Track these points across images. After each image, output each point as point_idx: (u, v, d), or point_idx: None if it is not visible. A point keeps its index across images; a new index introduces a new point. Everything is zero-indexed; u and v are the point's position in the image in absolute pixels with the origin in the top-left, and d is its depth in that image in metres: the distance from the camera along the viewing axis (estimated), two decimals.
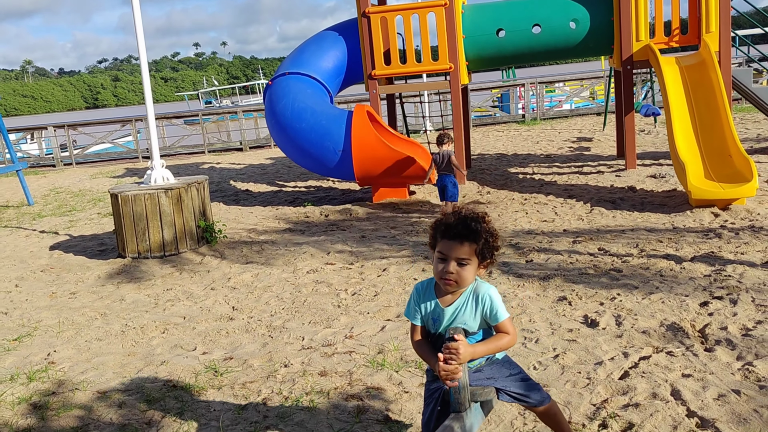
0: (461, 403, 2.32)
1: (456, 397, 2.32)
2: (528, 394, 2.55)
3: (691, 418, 3.10)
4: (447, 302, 2.44)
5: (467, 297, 2.43)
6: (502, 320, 2.41)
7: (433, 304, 2.46)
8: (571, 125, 17.09)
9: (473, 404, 2.41)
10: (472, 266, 2.35)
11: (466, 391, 2.31)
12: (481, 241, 2.33)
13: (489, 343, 2.39)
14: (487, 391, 2.47)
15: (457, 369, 2.25)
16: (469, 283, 2.40)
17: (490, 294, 2.41)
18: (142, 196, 7.16)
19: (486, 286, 2.44)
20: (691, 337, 4.01)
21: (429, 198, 9.38)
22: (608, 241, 6.43)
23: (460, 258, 2.33)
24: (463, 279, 2.35)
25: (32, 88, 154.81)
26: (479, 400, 2.44)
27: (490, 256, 2.38)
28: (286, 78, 9.87)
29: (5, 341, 5.03)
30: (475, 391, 2.42)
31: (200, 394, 3.84)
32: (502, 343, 2.40)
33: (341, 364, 4.07)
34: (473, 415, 2.41)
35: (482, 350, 2.36)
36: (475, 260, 2.35)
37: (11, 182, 15.18)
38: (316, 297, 5.51)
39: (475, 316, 2.42)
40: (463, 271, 2.34)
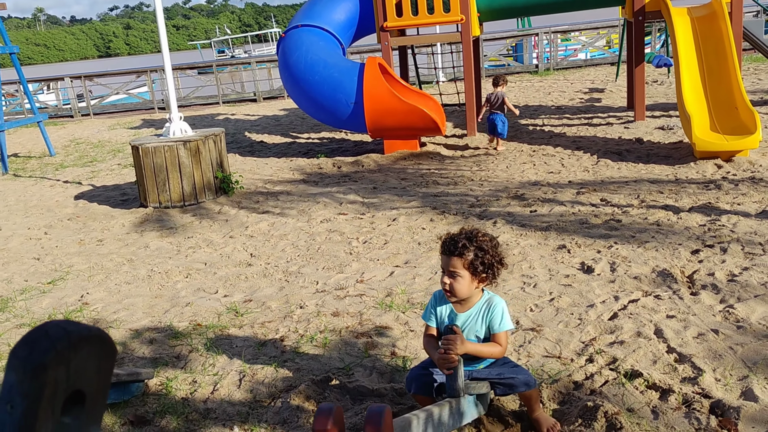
0: (456, 390, 2.60)
1: (451, 384, 2.60)
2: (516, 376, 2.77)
3: (670, 354, 3.40)
4: (461, 310, 2.73)
5: (480, 307, 2.71)
6: (500, 331, 2.68)
7: (448, 310, 2.75)
8: (584, 75, 17.05)
9: (468, 396, 2.70)
10: (464, 279, 2.58)
11: (461, 380, 2.59)
12: (469, 255, 2.55)
13: (482, 345, 2.67)
14: (480, 385, 2.75)
15: (454, 358, 2.53)
16: (463, 295, 2.63)
17: (498, 306, 2.68)
18: (161, 148, 7.44)
19: (497, 300, 2.71)
20: (679, 282, 4.28)
21: (439, 150, 9.58)
22: (611, 192, 6.65)
23: (450, 270, 2.59)
24: (455, 290, 2.60)
25: (45, 36, 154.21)
26: (473, 393, 2.72)
27: (485, 271, 2.58)
28: (299, 30, 9.99)
29: (40, 284, 5.41)
30: (470, 384, 2.71)
31: (223, 333, 4.19)
32: (494, 350, 2.67)
33: (352, 306, 4.40)
34: (467, 404, 2.70)
35: (474, 348, 2.63)
36: (466, 273, 2.57)
37: (32, 133, 15.52)
38: (329, 245, 5.82)
39: (484, 326, 2.71)
40: (455, 283, 2.59)
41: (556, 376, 3.30)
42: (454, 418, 2.62)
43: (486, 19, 10.78)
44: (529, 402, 2.91)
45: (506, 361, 2.88)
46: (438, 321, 2.79)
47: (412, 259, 5.26)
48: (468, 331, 2.73)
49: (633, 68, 10.15)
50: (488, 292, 2.75)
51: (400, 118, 9.17)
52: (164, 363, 3.84)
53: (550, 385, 3.22)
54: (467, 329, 2.73)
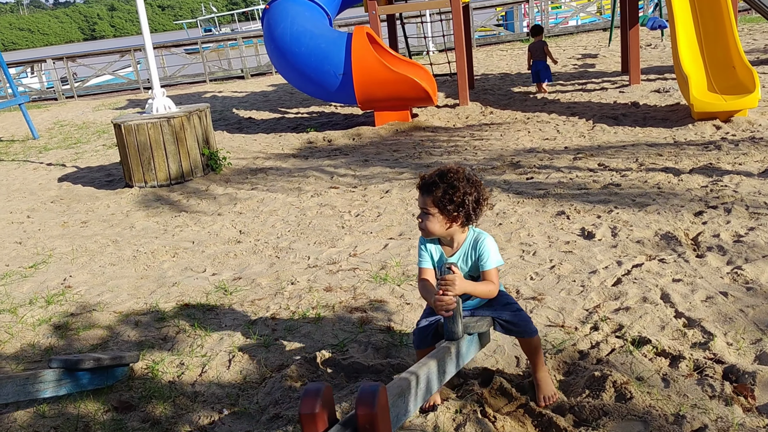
0: (455, 332, 2.46)
1: (450, 326, 2.46)
2: (519, 323, 2.67)
3: (678, 319, 3.25)
4: (449, 253, 2.63)
5: (467, 247, 2.61)
6: (489, 268, 2.57)
7: (438, 253, 2.65)
8: (576, 42, 16.76)
9: (467, 336, 2.55)
10: (435, 217, 2.50)
11: (459, 321, 2.45)
12: (438, 193, 2.46)
13: (479, 285, 2.55)
14: (480, 323, 2.60)
15: (452, 300, 2.39)
16: (435, 233, 2.55)
17: (485, 242, 2.58)
18: (145, 125, 7.20)
19: (484, 236, 2.60)
20: (683, 245, 4.12)
21: (432, 121, 9.36)
22: (609, 156, 6.47)
23: (422, 207, 2.53)
24: (426, 227, 2.53)
25: (28, 20, 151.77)
26: (473, 332, 2.58)
27: (456, 210, 2.48)
28: (284, 1, 9.68)
29: (21, 269, 5.22)
30: (469, 323, 2.56)
31: (211, 312, 4.02)
32: (488, 288, 2.56)
33: (346, 280, 4.23)
34: (467, 344, 2.55)
35: (472, 287, 2.50)
36: (436, 211, 2.50)
37: (14, 116, 15.19)
38: (321, 219, 5.63)
39: (472, 265, 2.61)
40: (426, 221, 2.52)
41: (561, 345, 3.15)
42: (454, 363, 2.46)
43: None
44: (532, 355, 2.77)
45: (509, 302, 2.74)
46: (432, 262, 2.67)
47: (407, 230, 5.09)
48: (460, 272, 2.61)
49: (627, 31, 9.91)
50: (474, 230, 2.63)
51: (391, 88, 8.93)
52: (150, 345, 3.67)
53: (554, 355, 3.07)
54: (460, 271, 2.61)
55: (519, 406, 2.79)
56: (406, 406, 1.94)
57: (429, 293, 2.58)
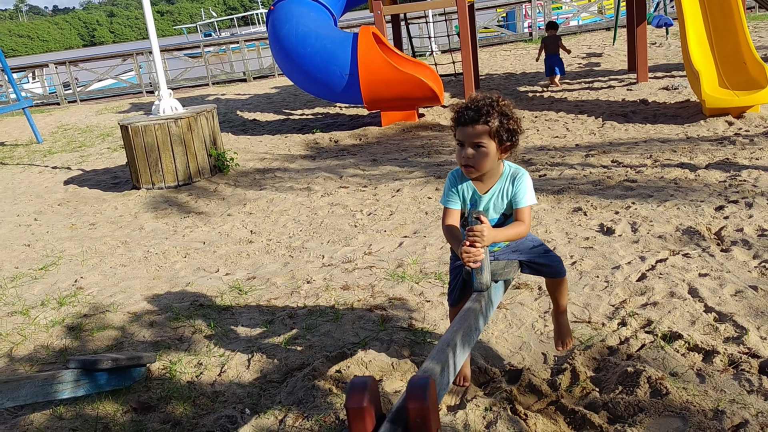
0: (483, 283, 2.34)
1: (478, 278, 2.34)
2: (550, 264, 2.58)
3: (708, 313, 3.18)
4: (483, 189, 2.44)
5: (503, 183, 2.43)
6: (524, 205, 2.40)
7: (471, 191, 2.46)
8: (580, 41, 16.70)
9: (494, 284, 2.44)
10: (490, 149, 2.31)
11: (487, 272, 2.33)
12: (494, 122, 2.28)
13: (509, 229, 2.38)
14: (508, 270, 2.49)
15: (480, 252, 2.25)
16: (487, 168, 2.36)
17: (524, 178, 2.41)
18: (152, 126, 7.14)
19: (522, 172, 2.43)
20: (707, 239, 4.05)
21: (438, 120, 9.30)
22: (621, 153, 6.40)
23: (474, 142, 2.31)
24: (480, 164, 2.33)
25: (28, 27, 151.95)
26: (501, 279, 2.48)
27: (509, 139, 2.33)
28: (288, 2, 9.62)
29: (31, 271, 5.15)
30: (497, 270, 2.45)
31: (227, 312, 3.95)
32: (520, 230, 2.39)
33: (362, 279, 4.16)
34: (494, 292, 2.44)
35: (502, 236, 2.35)
36: (491, 143, 2.31)
37: (18, 121, 15.13)
38: (333, 218, 5.57)
39: (507, 201, 2.44)
40: (479, 155, 2.31)
41: (589, 341, 3.08)
42: (484, 317, 2.34)
43: None
44: (559, 296, 2.71)
45: (535, 244, 2.61)
46: (462, 201, 2.49)
47: (421, 228, 5.02)
48: (493, 209, 2.47)
49: (634, 28, 9.85)
50: (510, 164, 2.46)
51: (397, 87, 8.87)
52: (166, 346, 3.60)
53: (583, 351, 3.00)
54: (492, 209, 2.47)
55: (550, 403, 2.72)
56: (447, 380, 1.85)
57: (455, 240, 2.40)
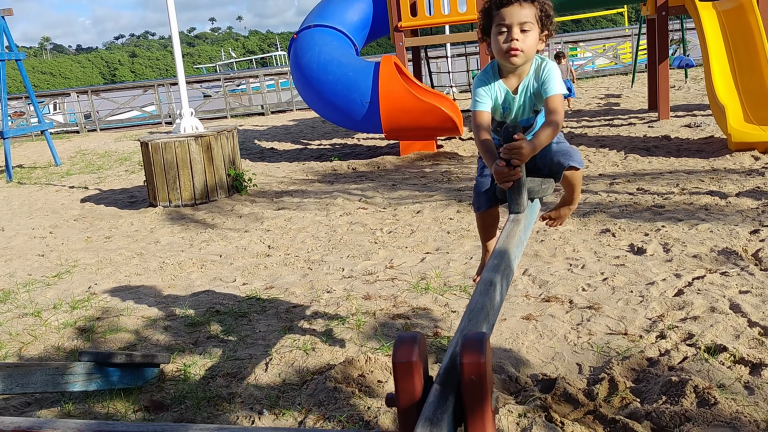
0: (521, 204, 2.18)
1: (515, 197, 2.17)
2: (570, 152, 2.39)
3: (752, 328, 3.01)
4: (514, 87, 2.32)
5: (530, 77, 2.30)
6: (553, 93, 2.25)
7: (503, 91, 2.33)
8: (598, 84, 16.78)
9: (530, 202, 2.26)
10: (535, 33, 2.21)
11: (524, 191, 2.17)
12: (539, 3, 2.21)
13: (543, 132, 2.20)
14: (545, 187, 2.32)
15: (517, 171, 2.09)
16: (533, 53, 2.26)
17: (549, 67, 2.28)
18: (172, 143, 7.12)
19: (547, 60, 2.32)
20: (745, 259, 3.90)
21: (457, 150, 9.25)
22: (647, 182, 6.29)
23: (522, 22, 2.19)
24: (528, 47, 2.21)
25: (50, 64, 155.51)
26: (537, 197, 2.31)
27: (549, 24, 2.24)
28: (312, 31, 9.73)
29: (45, 278, 5.05)
30: (532, 188, 2.27)
31: (244, 318, 3.81)
32: (555, 124, 2.21)
33: (384, 290, 4.02)
34: (531, 212, 2.27)
35: (540, 145, 2.17)
36: (536, 26, 2.21)
37: (37, 146, 15.27)
38: (352, 235, 5.45)
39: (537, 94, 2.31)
40: (527, 38, 2.20)
41: (626, 353, 2.92)
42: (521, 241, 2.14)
43: None
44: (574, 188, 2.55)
45: (559, 141, 2.42)
46: (493, 103, 2.33)
47: (443, 246, 4.89)
48: (527, 108, 2.34)
49: (656, 66, 9.85)
50: (537, 56, 2.32)
51: (417, 117, 8.85)
52: (180, 349, 3.46)
53: (621, 361, 2.84)
54: (526, 107, 2.34)
55: (587, 413, 2.55)
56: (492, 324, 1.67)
57: (489, 154, 2.21)
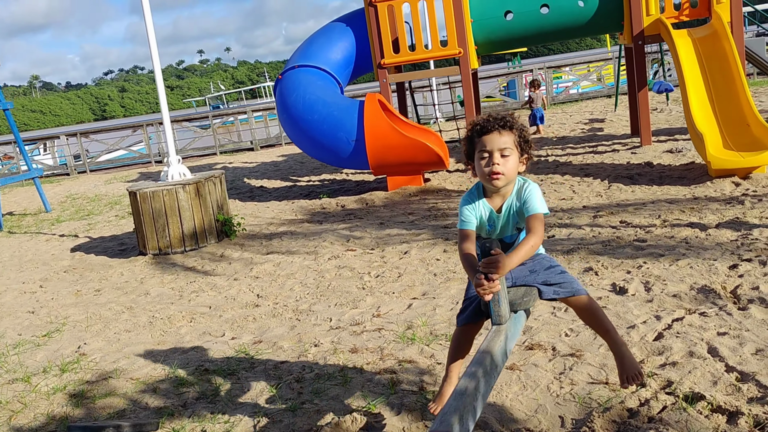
0: (501, 316, 2.28)
1: (495, 310, 2.28)
2: (565, 281, 2.50)
3: (730, 373, 3.07)
4: (498, 206, 2.50)
5: (513, 197, 2.48)
6: (535, 212, 2.40)
7: (488, 210, 2.50)
8: (582, 108, 16.99)
9: (513, 314, 2.37)
10: (514, 157, 2.43)
11: (505, 303, 2.28)
12: (517, 131, 2.43)
13: (521, 248, 2.32)
14: (528, 299, 2.42)
15: (496, 284, 2.20)
16: (514, 175, 2.45)
17: (530, 187, 2.46)
18: (160, 192, 7.18)
19: (528, 181, 2.50)
20: (723, 297, 3.97)
21: (445, 185, 9.35)
22: (630, 213, 6.38)
23: (502, 149, 2.40)
24: (509, 170, 2.41)
25: (40, 102, 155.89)
26: (520, 309, 2.40)
27: (527, 149, 2.47)
28: (296, 71, 9.87)
29: (35, 338, 5.07)
30: (515, 300, 2.37)
31: (233, 377, 3.84)
32: (534, 242, 2.35)
33: (371, 341, 4.06)
34: (513, 324, 2.36)
35: (518, 259, 2.30)
36: (515, 151, 2.42)
37: (27, 191, 15.30)
38: (340, 281, 5.50)
39: (520, 213, 2.47)
40: (507, 162, 2.41)
41: (607, 403, 2.97)
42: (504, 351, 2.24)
43: (484, 51, 10.70)
44: (596, 320, 2.53)
45: (551, 264, 2.55)
46: (478, 222, 2.51)
47: (430, 290, 4.95)
48: (510, 226, 2.52)
49: (636, 93, 10.02)
50: (520, 178, 2.51)
51: (403, 152, 8.97)
52: (170, 413, 3.48)
53: (602, 413, 2.88)
54: (509, 225, 2.52)
55: None
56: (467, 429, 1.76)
57: (471, 269, 2.34)
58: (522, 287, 2.49)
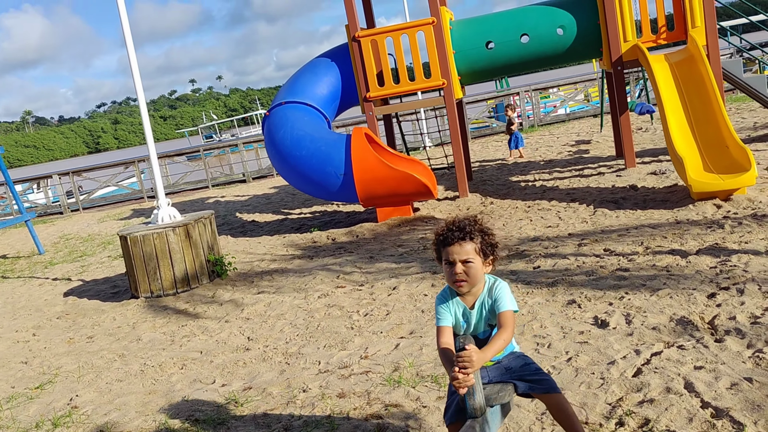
0: (476, 409, 2.39)
1: (470, 403, 2.38)
2: (541, 379, 2.64)
3: (705, 409, 3.14)
4: (470, 303, 2.64)
5: (485, 295, 2.63)
6: (504, 309, 2.56)
7: (461, 308, 2.65)
8: (569, 129, 17.18)
9: (489, 408, 2.47)
10: (477, 264, 2.55)
11: (480, 396, 2.38)
12: (477, 239, 2.55)
13: (493, 343, 2.48)
14: (503, 394, 2.53)
15: (470, 378, 2.34)
16: (478, 281, 2.58)
17: (500, 286, 2.62)
18: (150, 235, 7.26)
19: (500, 282, 2.65)
20: (700, 329, 4.06)
21: (433, 213, 9.45)
22: (613, 241, 6.48)
23: (463, 259, 2.54)
24: (472, 277, 2.55)
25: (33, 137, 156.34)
26: (495, 404, 2.50)
27: (491, 252, 2.60)
28: (283, 108, 10.01)
29: (27, 390, 5.11)
30: (491, 395, 2.49)
31: (223, 426, 3.90)
32: (505, 336, 2.50)
33: (358, 385, 4.13)
34: (491, 418, 2.46)
35: (491, 353, 2.46)
36: (478, 258, 2.55)
37: (20, 233, 15.35)
38: (329, 321, 5.57)
39: (492, 310, 2.62)
40: (470, 270, 2.55)
41: None
42: None
43: (467, 81, 10.88)
44: (567, 418, 2.66)
45: (526, 362, 2.70)
46: (453, 319, 2.67)
47: (417, 328, 5.02)
48: (483, 322, 2.66)
49: (618, 117, 10.18)
50: (490, 277, 2.68)
51: (391, 185, 9.08)
52: None
53: None
54: (482, 321, 2.66)
55: None
56: None
57: (449, 363, 2.48)
58: (498, 383, 2.63)
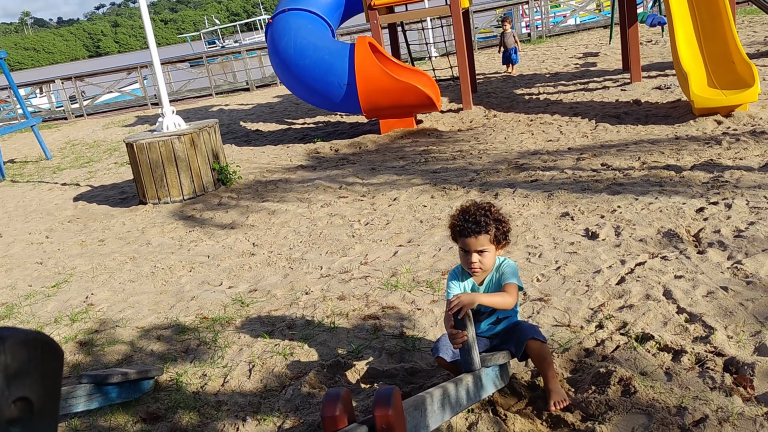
0: (470, 363, 2.61)
1: (465, 357, 2.61)
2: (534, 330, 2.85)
3: (680, 314, 3.36)
4: (480, 280, 2.83)
5: (493, 272, 2.82)
6: (509, 281, 2.74)
7: (470, 284, 2.84)
8: (577, 41, 16.85)
9: (485, 369, 2.68)
10: (491, 252, 2.73)
11: (475, 353, 2.60)
12: (492, 230, 2.68)
13: (493, 296, 2.70)
14: (497, 356, 2.75)
15: (462, 334, 2.55)
16: (492, 264, 2.78)
17: (507, 263, 2.82)
18: (156, 143, 7.38)
19: (506, 259, 2.84)
20: (685, 241, 4.24)
21: (436, 126, 9.50)
22: (612, 155, 6.58)
23: (479, 249, 2.70)
24: (486, 264, 2.74)
25: (33, 40, 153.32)
26: (491, 365, 2.72)
27: (504, 239, 2.76)
28: (286, 15, 9.86)
29: (45, 288, 5.40)
30: (486, 356, 2.70)
31: (230, 324, 4.17)
32: (505, 300, 2.69)
33: (358, 288, 4.37)
34: (485, 377, 2.69)
35: (486, 299, 2.65)
36: (492, 247, 2.72)
37: (26, 138, 15.46)
38: (331, 229, 5.78)
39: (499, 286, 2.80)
40: (484, 259, 2.72)
41: (567, 344, 3.28)
42: (472, 393, 2.59)
43: None
44: (543, 366, 2.86)
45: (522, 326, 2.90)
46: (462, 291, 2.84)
47: (415, 237, 5.23)
48: None
49: (626, 29, 10.02)
50: (500, 257, 2.85)
51: (394, 96, 9.08)
52: (173, 359, 3.82)
53: (561, 353, 3.19)
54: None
55: (528, 404, 2.92)
56: (425, 421, 2.08)
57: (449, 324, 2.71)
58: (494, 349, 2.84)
